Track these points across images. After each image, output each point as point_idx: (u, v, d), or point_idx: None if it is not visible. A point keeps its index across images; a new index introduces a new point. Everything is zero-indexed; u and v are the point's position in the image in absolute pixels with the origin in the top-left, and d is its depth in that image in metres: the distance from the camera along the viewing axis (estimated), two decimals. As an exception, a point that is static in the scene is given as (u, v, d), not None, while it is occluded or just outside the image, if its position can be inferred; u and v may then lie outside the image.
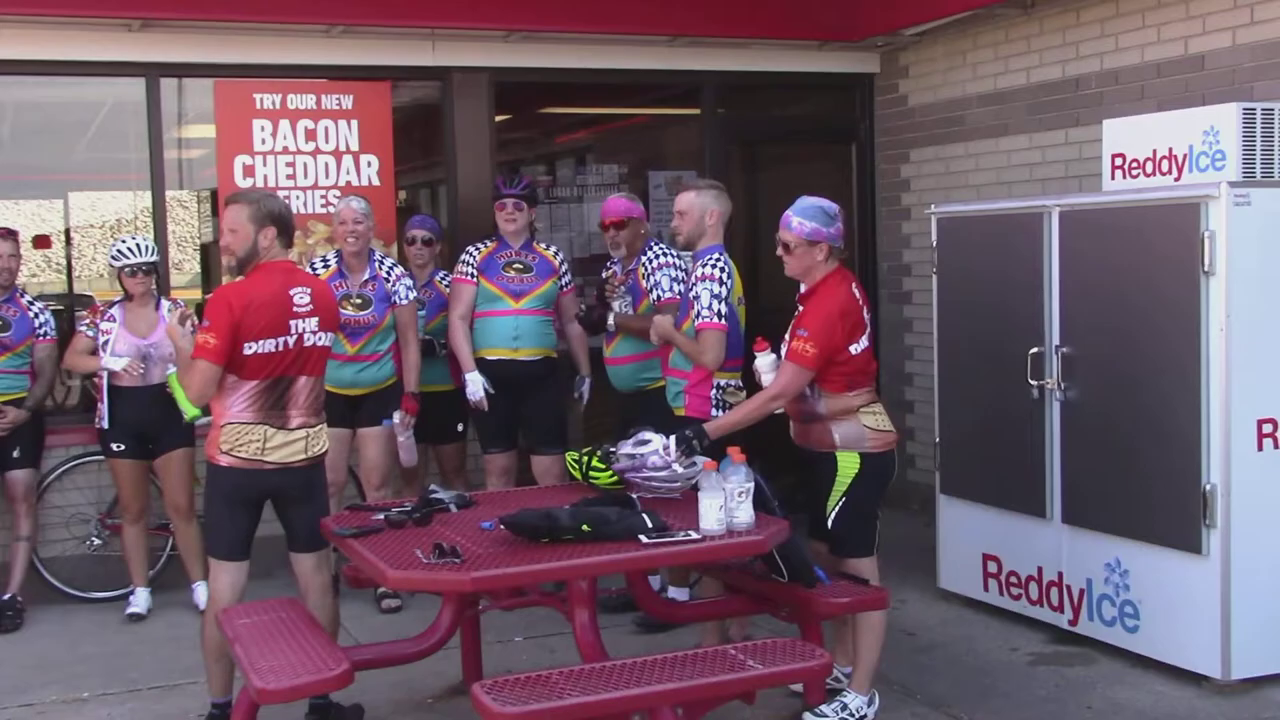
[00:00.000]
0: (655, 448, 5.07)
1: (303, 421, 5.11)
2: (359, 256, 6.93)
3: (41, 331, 7.14)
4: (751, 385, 5.53)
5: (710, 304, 5.62)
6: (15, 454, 7.02)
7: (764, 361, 5.33)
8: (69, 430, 7.52)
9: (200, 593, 7.12)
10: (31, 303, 7.18)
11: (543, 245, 7.19)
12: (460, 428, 7.38)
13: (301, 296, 5.11)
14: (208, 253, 8.90)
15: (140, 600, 7.10)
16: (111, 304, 7.04)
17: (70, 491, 7.48)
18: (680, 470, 5.03)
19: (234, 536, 5.16)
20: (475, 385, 6.94)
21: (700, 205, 5.78)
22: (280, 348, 5.00)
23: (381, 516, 5.02)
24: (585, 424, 7.82)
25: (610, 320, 6.66)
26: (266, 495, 5.16)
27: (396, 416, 6.94)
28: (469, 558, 4.38)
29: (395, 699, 5.65)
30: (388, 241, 8.12)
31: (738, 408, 5.33)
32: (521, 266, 7.00)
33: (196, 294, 8.56)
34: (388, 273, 6.98)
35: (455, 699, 5.65)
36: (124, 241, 6.96)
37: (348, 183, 8.07)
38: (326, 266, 6.96)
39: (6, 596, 6.99)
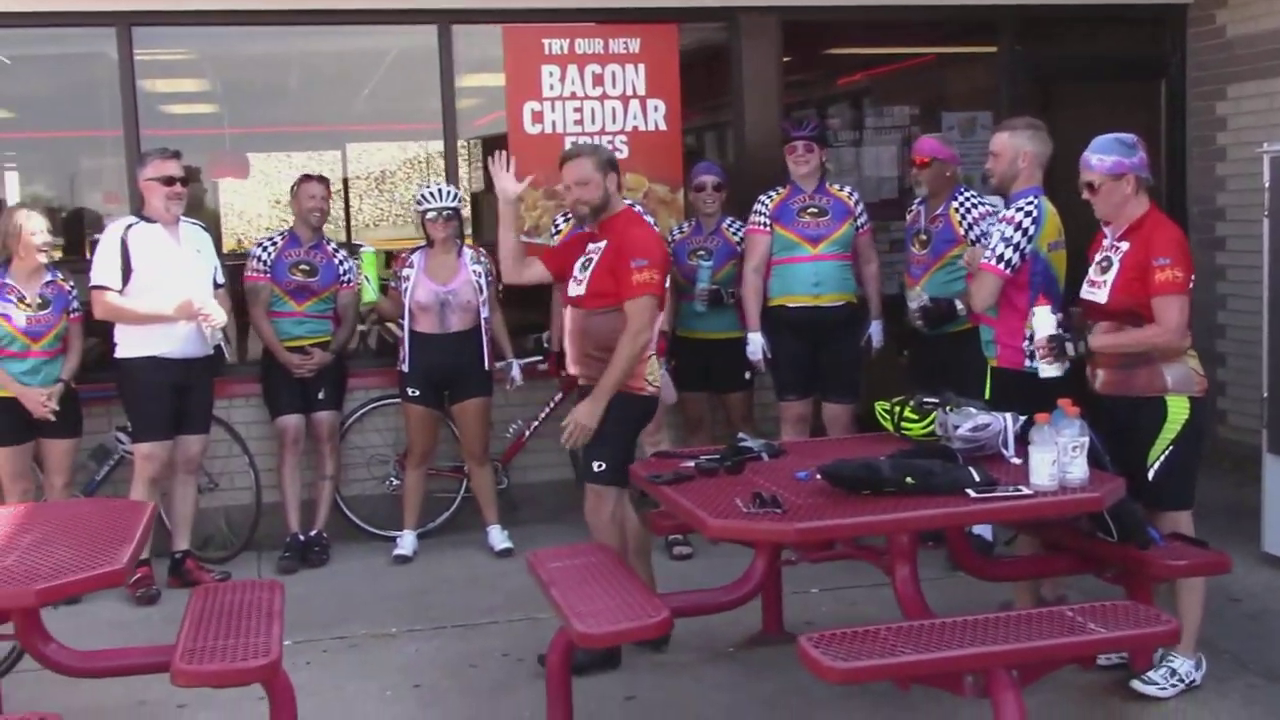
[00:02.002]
0: (995, 430, 4.83)
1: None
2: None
3: (345, 278, 7.32)
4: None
5: (997, 246, 5.33)
6: (320, 395, 7.23)
7: (1043, 318, 5.01)
8: (368, 374, 7.72)
9: (495, 535, 7.24)
10: (336, 249, 7.37)
11: (836, 187, 7.02)
12: (748, 376, 7.28)
13: None
14: (478, 202, 9.05)
15: (407, 543, 7.23)
16: (414, 250, 7.18)
17: (370, 433, 7.70)
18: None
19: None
20: (756, 346, 6.93)
21: (1013, 146, 5.49)
22: (669, 284, 5.54)
23: (692, 464, 4.96)
24: (879, 370, 7.60)
25: (960, 307, 6.27)
26: None
27: None
28: (789, 508, 4.27)
29: (696, 647, 5.60)
30: (674, 187, 8.06)
31: (1124, 333, 4.92)
32: (817, 210, 6.85)
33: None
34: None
35: (757, 649, 5.59)
36: (428, 186, 7.09)
37: (634, 128, 8.00)
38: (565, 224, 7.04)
39: (314, 532, 7.24)
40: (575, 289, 5.55)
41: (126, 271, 6.43)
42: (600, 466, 5.40)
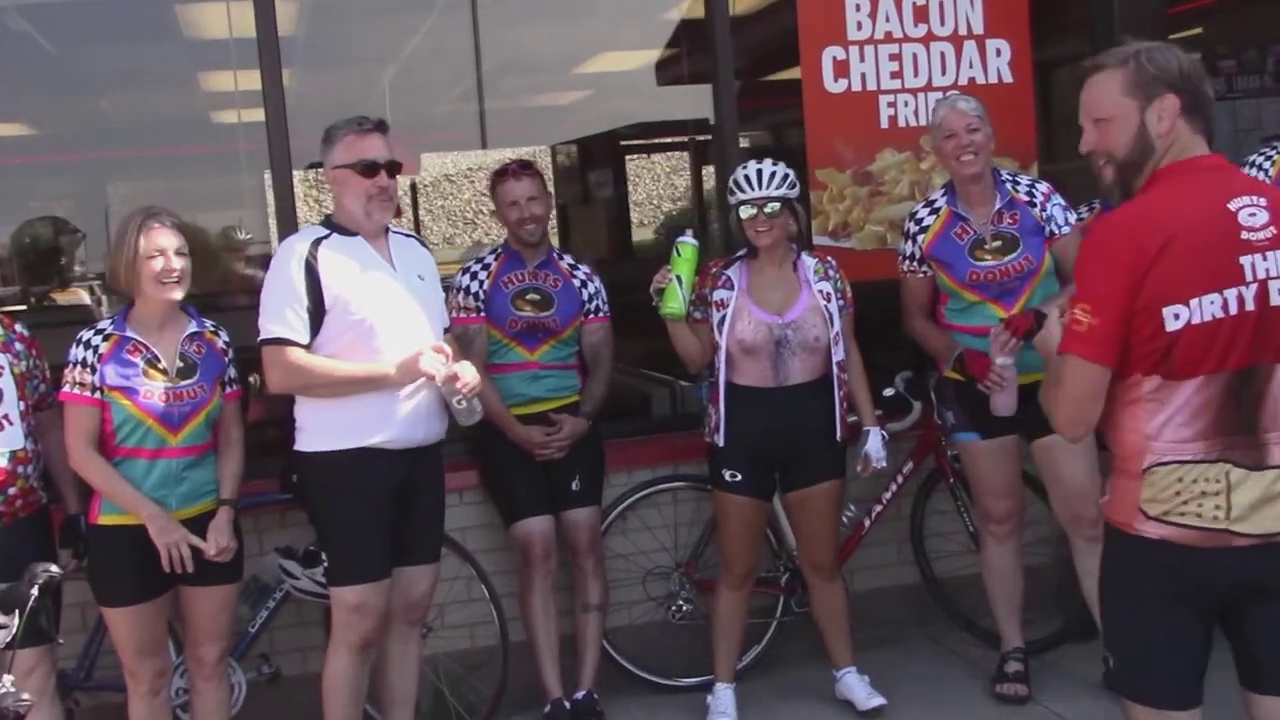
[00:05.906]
0: None
1: None
2: (979, 181, 4.65)
3: (591, 306, 4.95)
4: None
5: None
6: (575, 485, 4.85)
7: None
8: (627, 445, 5.33)
9: (855, 685, 4.78)
10: (575, 266, 5.00)
11: None
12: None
13: (1253, 213, 2.74)
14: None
15: (726, 703, 4.74)
16: (730, 261, 4.73)
17: (638, 533, 5.28)
18: None
19: (1174, 667, 2.82)
20: None
21: None
22: (1233, 310, 2.70)
23: None
24: None
25: None
26: (1227, 597, 2.81)
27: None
28: None
29: None
30: (1024, 160, 5.70)
31: None
32: None
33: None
34: (1029, 194, 4.72)
35: None
36: (744, 167, 4.63)
37: (970, 79, 5.72)
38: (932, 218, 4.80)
39: (581, 695, 4.81)
40: None
41: (318, 313, 4.01)
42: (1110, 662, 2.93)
